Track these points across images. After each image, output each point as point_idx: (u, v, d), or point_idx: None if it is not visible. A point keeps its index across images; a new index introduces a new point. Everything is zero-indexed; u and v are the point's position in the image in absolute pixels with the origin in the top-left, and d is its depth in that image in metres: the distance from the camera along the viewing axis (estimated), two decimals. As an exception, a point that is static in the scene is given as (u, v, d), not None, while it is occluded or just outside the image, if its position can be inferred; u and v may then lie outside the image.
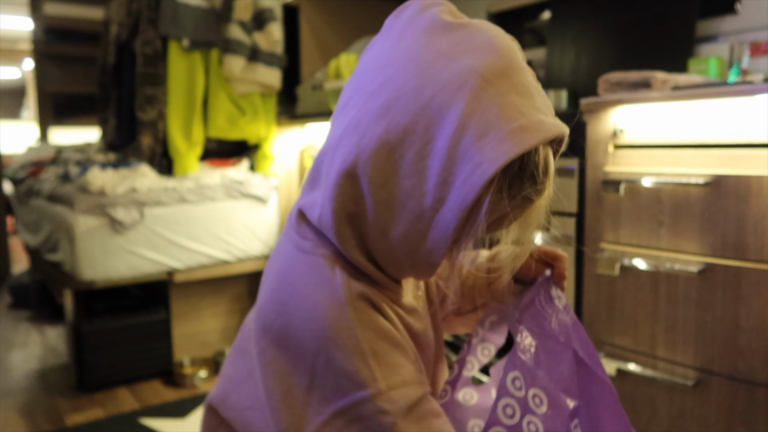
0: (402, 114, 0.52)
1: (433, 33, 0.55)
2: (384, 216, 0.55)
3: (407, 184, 0.53)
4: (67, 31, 4.42)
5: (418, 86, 0.52)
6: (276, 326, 0.58)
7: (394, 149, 0.53)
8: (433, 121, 0.52)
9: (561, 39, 2.16)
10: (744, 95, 1.23)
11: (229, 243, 2.30)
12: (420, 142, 0.52)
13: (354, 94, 0.58)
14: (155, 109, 2.30)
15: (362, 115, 0.55)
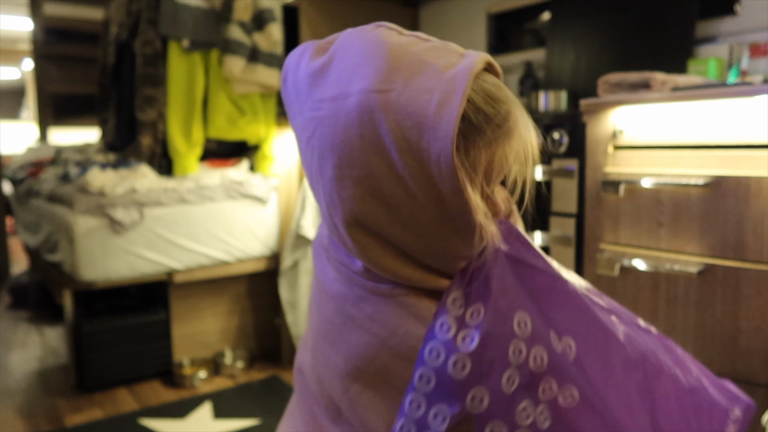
0: (349, 164, 0.53)
1: (315, 84, 0.56)
2: (406, 235, 0.55)
3: (399, 192, 0.53)
4: (66, 32, 4.42)
5: (348, 136, 0.53)
6: (373, 368, 0.59)
7: (372, 189, 0.53)
8: (377, 156, 0.52)
9: (561, 40, 2.16)
10: (743, 96, 1.23)
11: (229, 243, 2.30)
12: (384, 171, 0.53)
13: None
14: (155, 109, 2.30)
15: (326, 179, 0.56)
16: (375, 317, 0.59)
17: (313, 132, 0.55)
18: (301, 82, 0.58)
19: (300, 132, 0.59)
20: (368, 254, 0.56)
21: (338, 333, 0.62)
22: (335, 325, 0.62)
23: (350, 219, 0.55)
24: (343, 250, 0.62)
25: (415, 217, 0.54)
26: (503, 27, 2.56)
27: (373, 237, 0.55)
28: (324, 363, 0.63)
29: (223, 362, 2.33)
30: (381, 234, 0.55)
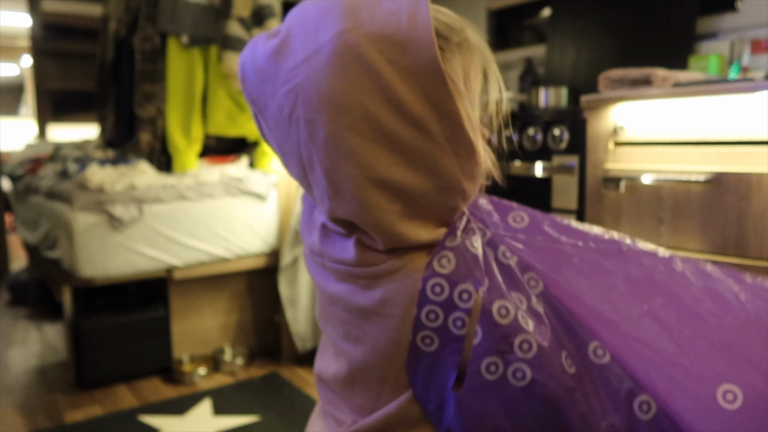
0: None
1: (280, 59, 0.56)
2: (412, 177, 0.55)
3: (397, 125, 0.53)
4: (65, 28, 4.41)
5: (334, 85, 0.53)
6: (402, 349, 0.60)
7: (371, 131, 0.53)
8: (368, 95, 0.52)
9: (561, 36, 2.16)
10: (744, 92, 1.22)
11: (229, 240, 2.30)
12: (377, 107, 0.52)
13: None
14: (154, 105, 2.29)
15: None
16: (387, 300, 0.58)
17: (294, 103, 0.54)
18: (263, 67, 0.57)
19: (277, 118, 0.57)
20: (377, 215, 0.55)
21: (358, 328, 0.61)
22: (352, 323, 0.62)
23: (356, 174, 0.53)
24: (338, 242, 0.62)
25: (419, 150, 0.53)
26: (503, 23, 2.55)
27: (381, 191, 0.54)
28: (353, 362, 0.63)
29: (222, 359, 2.33)
30: (388, 183, 0.54)
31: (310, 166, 0.56)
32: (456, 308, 0.56)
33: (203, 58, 2.34)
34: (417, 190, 0.55)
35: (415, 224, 0.57)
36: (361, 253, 0.59)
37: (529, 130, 1.66)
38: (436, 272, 0.56)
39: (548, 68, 2.19)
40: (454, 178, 0.56)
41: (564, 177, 1.58)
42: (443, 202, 0.57)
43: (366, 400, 0.63)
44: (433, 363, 0.56)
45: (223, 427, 1.85)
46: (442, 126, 0.53)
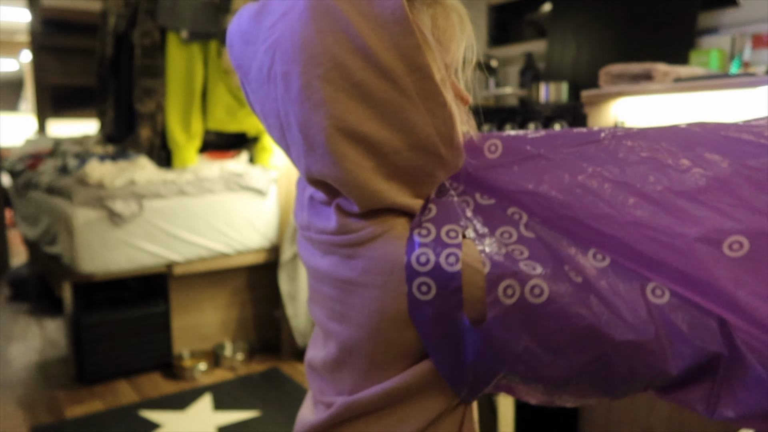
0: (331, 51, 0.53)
1: (260, 18, 0.57)
2: (386, 133, 0.54)
3: (372, 86, 0.53)
4: (64, 23, 4.40)
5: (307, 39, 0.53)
6: (386, 321, 0.61)
7: (342, 82, 0.53)
8: (338, 44, 0.52)
9: (562, 31, 2.15)
10: (746, 87, 1.22)
11: (229, 236, 2.30)
12: (348, 57, 0.53)
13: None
14: (154, 101, 2.29)
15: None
16: (369, 268, 0.57)
17: (272, 57, 0.55)
18: (246, 29, 0.58)
19: (258, 77, 0.57)
20: (349, 168, 0.54)
21: (343, 304, 0.60)
22: (337, 299, 0.61)
23: (327, 126, 0.53)
24: (323, 212, 0.61)
25: (389, 103, 0.53)
26: (504, 18, 2.54)
27: (352, 144, 0.54)
28: (340, 342, 0.62)
29: (223, 354, 2.33)
30: (359, 135, 0.54)
31: (287, 123, 0.56)
32: (445, 245, 0.55)
33: (203, 54, 2.33)
34: (389, 146, 0.54)
35: (391, 185, 0.56)
36: (341, 219, 0.58)
37: (530, 125, 1.65)
38: (420, 243, 0.56)
39: (549, 63, 2.18)
40: (429, 139, 0.55)
41: (564, 172, 1.58)
42: (417, 164, 0.56)
43: (355, 381, 0.62)
44: (437, 310, 0.55)
45: (224, 422, 1.85)
46: (413, 79, 0.53)
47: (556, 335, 0.54)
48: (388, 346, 0.59)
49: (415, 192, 0.58)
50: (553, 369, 0.55)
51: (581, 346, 0.54)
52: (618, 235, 0.56)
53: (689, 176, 0.57)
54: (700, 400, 0.55)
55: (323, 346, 0.66)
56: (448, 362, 0.57)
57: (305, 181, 0.60)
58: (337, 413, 0.62)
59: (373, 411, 0.61)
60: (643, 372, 0.55)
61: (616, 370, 0.55)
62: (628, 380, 0.56)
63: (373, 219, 0.58)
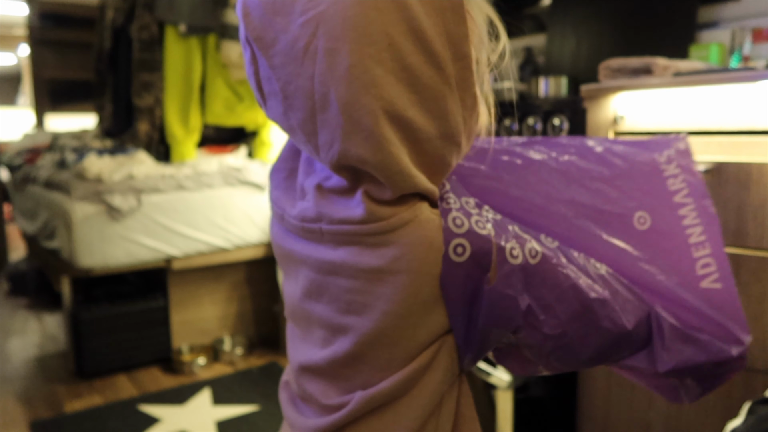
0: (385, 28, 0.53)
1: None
2: (422, 117, 0.54)
3: (417, 70, 0.53)
4: (62, 16, 4.38)
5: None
6: (419, 303, 0.62)
7: (391, 57, 0.52)
8: (394, 25, 0.51)
9: (561, 25, 2.15)
10: (746, 82, 1.22)
11: (228, 230, 2.30)
12: (405, 31, 0.52)
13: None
14: (152, 95, 2.28)
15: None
16: (402, 255, 0.56)
17: (314, 33, 0.52)
18: (274, 0, 0.54)
19: (288, 52, 0.54)
20: (394, 152, 0.53)
21: (366, 294, 0.58)
22: (357, 290, 0.58)
23: (376, 108, 0.52)
24: (339, 201, 0.59)
25: (432, 90, 0.53)
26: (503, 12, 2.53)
27: (395, 129, 0.53)
28: (360, 334, 0.59)
29: (222, 349, 2.33)
30: (403, 121, 0.53)
31: (323, 103, 0.53)
32: (469, 213, 0.58)
33: (201, 48, 2.32)
34: (424, 133, 0.54)
35: (420, 172, 0.57)
36: (370, 207, 0.56)
37: (529, 119, 1.65)
38: (455, 233, 0.57)
39: (548, 57, 2.18)
40: (456, 128, 0.55)
41: (563, 167, 1.58)
42: (442, 152, 0.56)
43: (372, 374, 0.60)
44: (467, 273, 0.56)
45: (223, 417, 1.86)
46: (456, 68, 0.53)
47: (547, 293, 0.59)
48: (416, 331, 0.58)
49: (434, 180, 0.58)
50: (545, 327, 0.60)
51: (566, 304, 0.60)
52: (554, 224, 0.67)
53: (594, 173, 0.71)
54: (644, 359, 0.66)
55: (325, 346, 0.63)
56: (466, 327, 0.59)
57: (331, 166, 0.57)
58: (356, 408, 0.59)
59: (391, 400, 0.59)
60: (609, 328, 0.62)
61: (590, 328, 0.62)
62: (598, 338, 0.63)
63: (402, 205, 0.57)
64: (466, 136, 0.57)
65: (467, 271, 0.56)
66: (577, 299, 0.60)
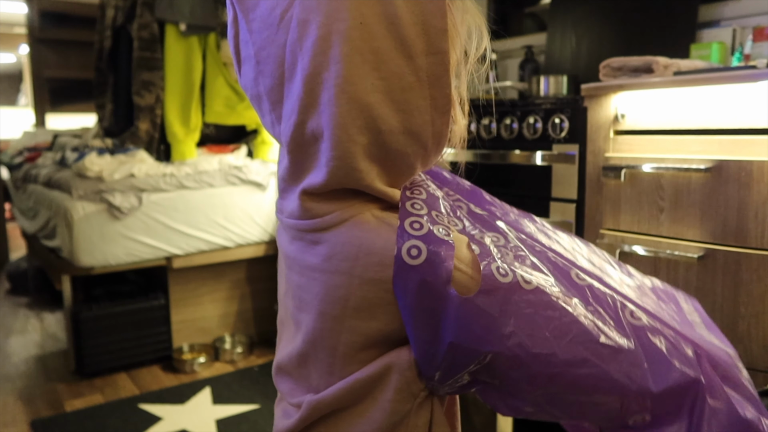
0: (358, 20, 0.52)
1: None
2: (388, 115, 0.52)
3: (390, 68, 0.52)
4: (62, 15, 4.38)
5: None
6: (351, 309, 0.57)
7: (363, 49, 0.51)
8: (367, 3, 0.51)
9: (561, 24, 2.14)
10: (747, 81, 1.22)
11: (228, 229, 2.30)
12: (384, 27, 0.51)
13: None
14: (153, 94, 2.28)
15: (279, 49, 0.53)
16: (333, 254, 0.55)
17: (291, 2, 0.52)
18: None
19: (266, 18, 0.54)
20: (343, 137, 0.52)
21: (308, 292, 0.57)
22: (303, 287, 0.58)
23: (336, 84, 0.51)
24: (290, 194, 0.58)
25: (399, 79, 0.52)
26: (504, 11, 2.53)
27: (354, 113, 0.52)
28: (306, 333, 0.59)
29: (222, 348, 2.33)
30: (362, 105, 0.51)
31: (291, 73, 0.53)
32: (436, 222, 0.54)
33: (202, 46, 2.32)
34: (386, 124, 0.52)
35: (373, 167, 0.54)
36: (305, 203, 0.56)
37: (529, 118, 1.65)
38: (412, 213, 0.54)
39: (549, 56, 2.18)
40: (423, 127, 0.53)
41: (564, 166, 1.58)
42: (406, 151, 0.54)
43: (321, 376, 0.59)
44: (423, 278, 0.51)
45: (223, 416, 1.86)
46: (429, 62, 0.51)
47: (542, 326, 0.52)
48: (352, 337, 0.55)
49: (391, 181, 0.56)
50: (535, 364, 0.53)
51: (566, 343, 0.53)
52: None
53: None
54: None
55: (291, 340, 0.63)
56: (426, 339, 0.53)
57: (288, 141, 0.56)
58: (306, 415, 0.59)
59: (340, 409, 0.58)
60: (625, 384, 0.53)
61: (598, 379, 0.53)
62: (609, 391, 0.54)
63: (339, 203, 0.55)
64: (434, 140, 0.54)
65: (423, 276, 0.51)
66: (579, 341, 0.53)
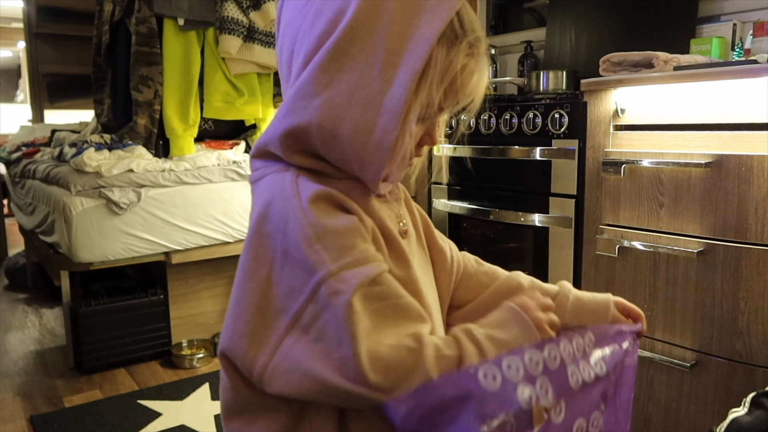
0: (350, 22, 0.56)
1: None
2: (331, 117, 0.56)
3: (352, 78, 0.55)
4: (60, 10, 4.36)
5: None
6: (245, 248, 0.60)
7: (338, 49, 0.56)
8: (371, 13, 0.55)
9: (561, 19, 2.14)
10: (747, 76, 1.21)
11: (227, 224, 2.29)
12: (366, 37, 0.55)
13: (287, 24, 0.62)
14: (151, 89, 2.27)
15: (297, 29, 0.59)
16: (252, 209, 0.60)
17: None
18: None
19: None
20: (285, 114, 0.58)
21: None
22: None
23: (309, 48, 0.57)
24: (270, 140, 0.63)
25: (360, 66, 0.55)
26: (503, 6, 2.53)
27: (300, 99, 0.57)
28: None
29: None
30: (309, 99, 0.57)
31: (297, 54, 0.61)
32: None
33: (200, 42, 2.31)
34: (333, 102, 0.56)
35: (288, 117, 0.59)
36: (251, 154, 0.64)
37: (529, 113, 1.65)
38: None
39: (548, 52, 2.17)
40: (342, 107, 0.56)
41: (564, 161, 1.58)
42: (324, 128, 0.57)
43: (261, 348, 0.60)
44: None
45: (222, 411, 1.86)
46: (398, 71, 0.55)
47: None
48: (278, 302, 0.57)
49: (310, 153, 0.60)
50: None
51: None
52: None
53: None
54: None
55: None
56: None
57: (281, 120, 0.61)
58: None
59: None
60: None
61: None
62: None
63: (274, 164, 0.62)
64: (361, 134, 0.56)
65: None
66: None
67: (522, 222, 1.70)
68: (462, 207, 1.89)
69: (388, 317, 0.54)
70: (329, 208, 0.57)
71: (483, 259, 0.82)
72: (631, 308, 0.77)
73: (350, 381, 0.50)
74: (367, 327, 0.52)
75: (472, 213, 1.87)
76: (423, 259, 0.73)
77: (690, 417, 1.33)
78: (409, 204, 0.75)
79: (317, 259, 0.53)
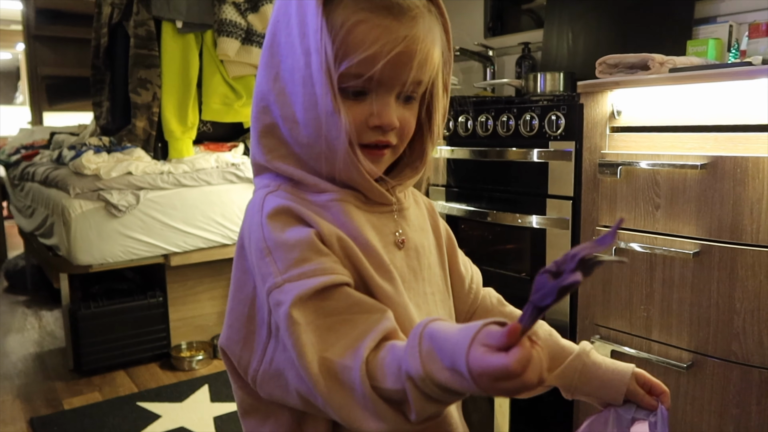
0: (274, 20, 0.62)
1: None
2: (287, 105, 0.60)
3: (288, 63, 0.59)
4: (59, 13, 4.37)
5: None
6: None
7: (272, 44, 0.61)
8: (286, 7, 0.60)
9: (558, 21, 2.14)
10: (743, 77, 1.22)
11: (226, 227, 2.30)
12: (284, 24, 0.60)
13: None
14: (149, 91, 2.28)
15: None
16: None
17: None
18: None
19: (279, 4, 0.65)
20: (257, 121, 0.63)
21: None
22: None
23: (258, 92, 0.63)
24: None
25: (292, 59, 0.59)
26: (501, 8, 2.53)
27: (256, 97, 0.63)
28: None
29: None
30: (269, 99, 0.61)
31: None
32: None
33: (198, 44, 2.32)
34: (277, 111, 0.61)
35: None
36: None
37: (526, 115, 1.65)
38: None
39: (545, 53, 2.18)
40: (291, 92, 0.59)
41: (561, 163, 1.58)
42: (286, 117, 0.60)
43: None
44: None
45: (221, 413, 1.86)
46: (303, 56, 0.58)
47: None
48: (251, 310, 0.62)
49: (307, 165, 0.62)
50: None
51: None
52: None
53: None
54: None
55: None
56: None
57: None
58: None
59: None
60: None
61: None
62: None
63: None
64: (288, 121, 0.60)
65: None
66: None
67: (519, 223, 1.71)
68: (459, 209, 1.90)
69: (333, 331, 0.54)
70: (288, 221, 0.59)
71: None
72: (653, 383, 0.74)
73: (309, 391, 0.53)
74: (312, 339, 0.52)
75: (469, 215, 1.88)
76: (431, 274, 0.70)
77: (686, 417, 1.34)
78: (434, 218, 0.76)
79: (266, 271, 0.56)
